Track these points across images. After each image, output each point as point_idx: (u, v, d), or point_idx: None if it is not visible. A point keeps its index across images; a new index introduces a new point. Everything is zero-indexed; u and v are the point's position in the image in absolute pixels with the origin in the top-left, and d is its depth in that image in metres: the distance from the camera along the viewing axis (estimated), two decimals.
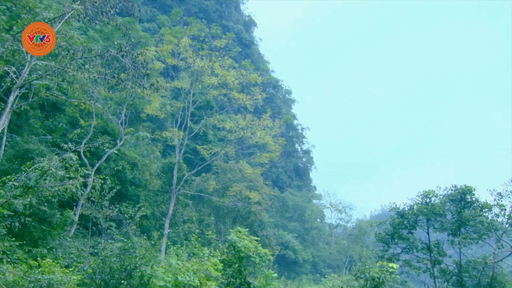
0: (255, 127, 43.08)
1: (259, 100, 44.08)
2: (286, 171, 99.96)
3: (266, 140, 43.68)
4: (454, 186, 36.32)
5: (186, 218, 41.08)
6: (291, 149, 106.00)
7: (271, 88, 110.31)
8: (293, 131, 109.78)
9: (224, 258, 22.33)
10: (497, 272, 34.07)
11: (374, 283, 23.21)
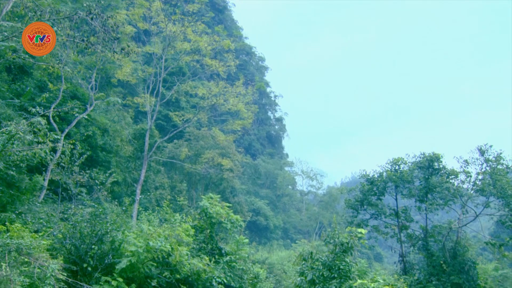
0: (228, 94, 42.88)
1: (232, 67, 43.77)
2: (259, 138, 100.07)
3: (238, 107, 43.58)
4: (422, 154, 37.07)
5: (158, 185, 41.01)
6: (264, 116, 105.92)
7: (244, 55, 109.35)
8: (266, 98, 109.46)
9: (196, 224, 22.50)
10: (461, 237, 35.22)
11: (343, 247, 23.77)
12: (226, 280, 19.72)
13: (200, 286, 17.92)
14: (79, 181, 24.62)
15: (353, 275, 23.19)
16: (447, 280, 32.87)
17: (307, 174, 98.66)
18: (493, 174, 34.27)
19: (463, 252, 34.18)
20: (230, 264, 21.04)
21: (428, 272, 34.56)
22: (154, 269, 16.75)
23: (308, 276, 24.07)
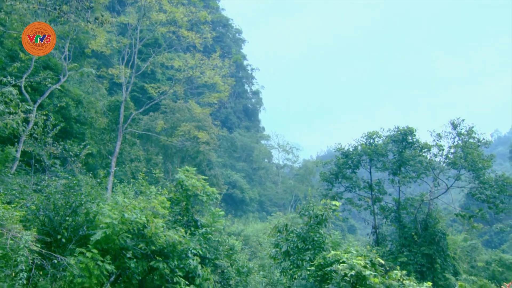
0: (204, 66, 42.52)
1: (209, 39, 43.29)
2: (235, 111, 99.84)
3: (215, 80, 43.29)
4: (396, 128, 37.56)
5: (134, 157, 40.75)
6: (241, 89, 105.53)
7: (221, 27, 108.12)
8: (242, 71, 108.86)
9: (172, 196, 22.49)
10: (432, 209, 36.06)
11: (317, 220, 24.10)
12: (201, 252, 19.85)
13: (175, 258, 18.00)
14: (52, 153, 24.31)
15: (327, 247, 23.58)
16: (418, 251, 33.71)
17: (283, 148, 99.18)
18: (465, 148, 34.98)
19: (434, 224, 35.03)
20: (205, 236, 21.16)
21: (399, 243, 35.37)
22: (129, 241, 16.74)
23: (282, 248, 24.41)
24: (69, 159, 25.59)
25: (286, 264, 24.11)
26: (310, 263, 21.65)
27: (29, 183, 21.38)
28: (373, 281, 18.01)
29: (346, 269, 17.79)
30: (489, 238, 76.23)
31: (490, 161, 35.40)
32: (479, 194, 35.27)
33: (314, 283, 20.60)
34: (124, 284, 17.47)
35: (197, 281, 18.47)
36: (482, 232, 55.00)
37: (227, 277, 22.61)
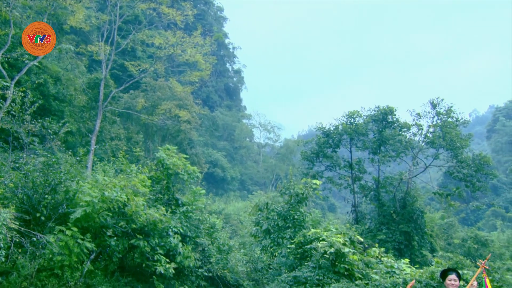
0: (185, 44, 42.10)
1: (190, 16, 42.83)
2: (217, 90, 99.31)
3: (196, 58, 42.94)
4: (377, 107, 37.83)
5: (114, 135, 40.39)
6: (222, 68, 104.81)
7: (202, 5, 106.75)
8: (224, 50, 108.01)
9: (152, 175, 22.45)
10: (411, 187, 36.61)
11: (298, 198, 24.32)
12: (182, 230, 19.93)
13: (156, 236, 18.05)
14: (31, 130, 23.93)
15: (307, 225, 23.85)
16: (396, 229, 34.28)
17: (265, 127, 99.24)
18: (443, 127, 35.45)
19: (412, 202, 35.59)
20: (186, 215, 21.22)
21: (378, 221, 35.92)
22: (109, 219, 16.72)
23: (263, 226, 24.61)
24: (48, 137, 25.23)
25: (267, 242, 24.33)
26: (290, 241, 21.88)
27: (7, 160, 21.08)
28: (352, 258, 18.30)
29: (326, 246, 18.02)
30: (466, 216, 77.84)
31: (468, 140, 35.99)
32: (457, 172, 35.90)
33: (294, 260, 20.85)
34: (105, 262, 17.49)
35: (178, 259, 18.58)
36: (459, 210, 56.20)
37: (208, 255, 22.75)
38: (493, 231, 60.63)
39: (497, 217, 74.20)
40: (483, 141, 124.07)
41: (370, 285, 16.21)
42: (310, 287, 17.04)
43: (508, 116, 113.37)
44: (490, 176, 37.11)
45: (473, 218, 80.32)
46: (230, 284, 23.23)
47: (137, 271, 18.59)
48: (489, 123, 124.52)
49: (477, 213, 77.44)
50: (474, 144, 65.40)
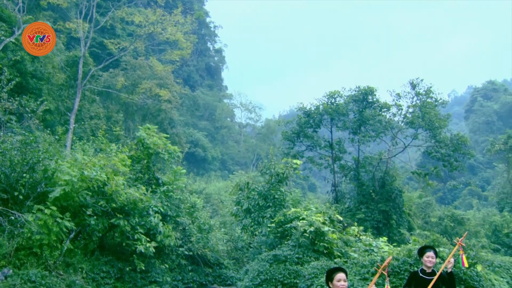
0: (165, 22, 41.59)
1: None
2: (198, 69, 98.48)
3: (177, 36, 42.49)
4: (357, 87, 37.95)
5: (93, 114, 39.92)
6: (203, 47, 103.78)
7: None
8: (205, 29, 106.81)
9: (133, 154, 22.33)
10: (390, 167, 37.05)
11: (279, 178, 24.47)
12: (163, 209, 19.94)
13: (136, 215, 18.03)
14: (8, 108, 23.51)
15: (287, 204, 24.06)
16: (375, 208, 34.75)
17: (246, 107, 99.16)
18: (423, 107, 35.80)
19: (391, 182, 36.05)
20: (167, 194, 21.22)
21: (358, 201, 36.35)
22: (89, 198, 16.64)
23: (244, 205, 24.75)
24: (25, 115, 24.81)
25: (247, 221, 24.49)
26: (271, 220, 22.07)
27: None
28: (331, 237, 18.55)
29: (306, 225, 18.22)
30: (443, 195, 79.15)
31: (446, 120, 36.45)
32: (435, 152, 36.41)
33: (274, 239, 21.06)
34: (84, 241, 17.47)
35: (158, 238, 18.63)
36: (436, 189, 57.19)
37: (189, 234, 22.85)
38: (469, 209, 61.73)
39: (473, 196, 75.58)
40: (461, 121, 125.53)
41: (348, 263, 16.46)
42: (290, 265, 17.25)
43: (486, 97, 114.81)
44: (467, 156, 37.74)
45: (450, 197, 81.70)
46: (210, 262, 23.42)
47: (117, 250, 18.62)
48: (467, 103, 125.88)
49: (454, 192, 78.75)
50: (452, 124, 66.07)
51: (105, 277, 17.19)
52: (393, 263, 15.04)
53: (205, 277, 22.65)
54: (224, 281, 23.09)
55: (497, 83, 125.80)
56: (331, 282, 4.77)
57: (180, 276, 21.52)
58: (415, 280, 6.37)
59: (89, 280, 16.42)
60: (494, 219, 40.92)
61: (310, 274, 15.37)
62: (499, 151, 48.88)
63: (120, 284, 17.59)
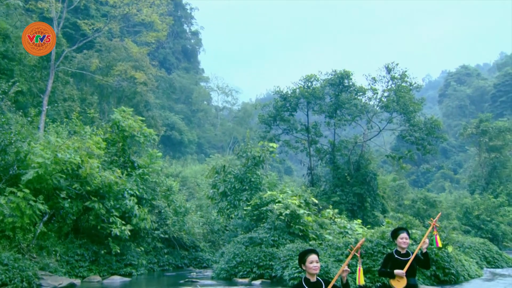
0: (141, 3, 40.99)
1: None
2: (174, 52, 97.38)
3: (152, 18, 41.94)
4: (334, 71, 38.10)
5: (67, 96, 39.22)
6: (179, 29, 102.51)
7: None
8: (181, 10, 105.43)
9: (108, 137, 22.12)
10: (365, 151, 37.47)
11: (255, 161, 24.56)
12: (138, 192, 19.86)
13: (111, 198, 17.93)
14: None
15: (264, 187, 24.23)
16: (350, 191, 35.18)
17: (223, 90, 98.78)
18: (397, 91, 36.17)
19: (366, 165, 36.49)
20: (142, 177, 21.12)
21: (333, 184, 36.72)
22: (63, 181, 16.45)
23: (220, 188, 24.83)
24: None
25: (223, 204, 24.60)
26: (247, 203, 22.19)
27: None
28: (306, 220, 18.75)
29: (282, 208, 18.38)
30: (416, 178, 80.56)
31: (420, 104, 36.93)
32: (409, 136, 36.92)
33: (250, 222, 21.21)
34: (58, 224, 17.33)
35: (134, 221, 18.58)
36: (410, 172, 58.12)
37: (164, 217, 22.83)
38: (441, 192, 63.04)
39: (445, 179, 77.10)
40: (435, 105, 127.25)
41: (323, 245, 16.68)
42: (265, 248, 17.42)
43: (459, 81, 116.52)
44: (441, 140, 38.38)
45: (423, 180, 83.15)
46: (186, 245, 23.47)
47: (91, 233, 18.53)
48: (440, 88, 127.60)
49: (427, 175, 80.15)
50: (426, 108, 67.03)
51: (80, 260, 17.12)
52: (367, 244, 15.30)
53: (181, 260, 22.72)
54: (200, 264, 23.20)
55: (470, 67, 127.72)
56: (304, 264, 4.84)
57: (156, 259, 21.55)
58: (391, 262, 6.48)
59: (63, 263, 16.33)
60: (465, 201, 41.83)
61: (286, 256, 15.55)
62: (471, 135, 49.79)
63: (95, 267, 17.54)
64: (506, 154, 47.86)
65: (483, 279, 17.63)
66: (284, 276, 14.78)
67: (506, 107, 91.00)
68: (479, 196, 42.59)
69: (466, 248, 21.68)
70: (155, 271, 20.93)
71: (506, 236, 38.74)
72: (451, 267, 15.77)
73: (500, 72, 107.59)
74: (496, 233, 37.48)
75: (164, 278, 19.25)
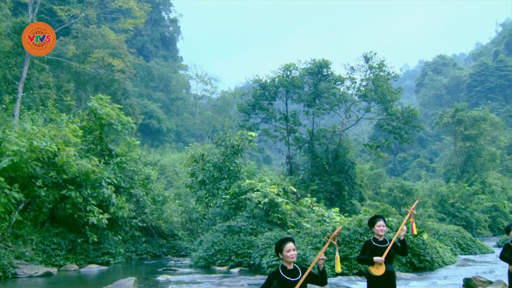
0: None
1: None
2: (152, 39, 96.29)
3: (130, 4, 41.43)
4: (313, 60, 38.21)
5: (43, 83, 38.48)
6: (158, 17, 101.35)
7: None
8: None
9: (84, 125, 21.86)
10: (343, 139, 37.75)
11: (234, 149, 24.56)
12: (116, 181, 19.72)
13: (88, 186, 17.77)
14: None
15: (242, 176, 24.25)
16: (328, 179, 35.46)
17: (202, 78, 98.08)
18: (375, 81, 36.48)
19: (344, 154, 36.79)
20: (120, 165, 20.95)
21: (311, 172, 36.96)
22: (39, 169, 16.24)
23: (198, 177, 24.79)
24: None
25: (202, 192, 24.60)
26: (225, 191, 22.21)
27: None
28: (285, 208, 18.84)
29: (260, 197, 18.44)
30: (393, 167, 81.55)
31: (397, 93, 37.33)
32: (386, 125, 37.32)
33: (228, 210, 21.23)
34: (34, 213, 17.14)
35: (112, 210, 18.47)
36: (387, 161, 58.79)
37: (142, 206, 22.74)
38: (417, 180, 63.94)
39: (422, 167, 78.20)
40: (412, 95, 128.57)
41: (301, 233, 16.81)
42: (244, 236, 17.48)
43: (436, 71, 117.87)
44: (417, 129, 38.89)
45: (400, 168, 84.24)
46: (164, 234, 23.43)
47: (68, 221, 18.38)
48: (418, 77, 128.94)
49: (404, 164, 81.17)
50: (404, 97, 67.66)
51: (56, 248, 17.00)
52: (344, 232, 15.46)
53: (159, 248, 22.69)
54: (178, 252, 23.20)
55: (447, 57, 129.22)
56: (281, 253, 4.86)
57: (134, 247, 21.50)
58: (370, 249, 6.55)
59: (39, 252, 16.19)
60: (440, 189, 42.55)
61: (264, 244, 15.62)
62: (447, 124, 50.54)
63: (71, 256, 17.43)
64: (480, 143, 48.72)
65: (457, 266, 18.02)
66: (262, 264, 14.86)
67: (481, 96, 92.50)
68: (454, 185, 43.35)
69: (441, 236, 22.07)
70: (133, 259, 20.89)
71: (480, 224, 39.57)
72: (426, 254, 16.05)
73: (475, 62, 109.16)
74: (470, 221, 38.23)
75: (142, 267, 19.21)
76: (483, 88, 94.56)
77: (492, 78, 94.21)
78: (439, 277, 14.60)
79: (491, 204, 43.55)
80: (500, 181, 52.94)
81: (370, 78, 37.23)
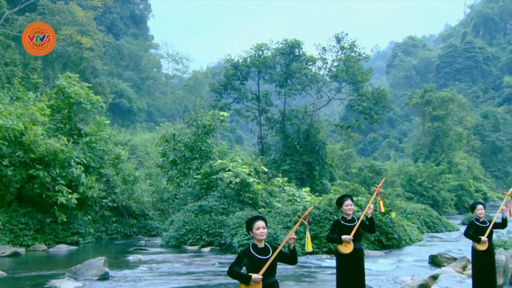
0: None
1: None
2: (122, 17, 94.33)
3: None
4: (285, 40, 38.16)
5: (8, 61, 37.49)
6: None
7: None
8: None
9: (52, 103, 21.45)
10: (314, 120, 37.97)
11: (205, 129, 24.45)
12: (85, 160, 19.46)
13: (57, 166, 17.51)
14: None
15: (214, 156, 24.20)
16: (300, 159, 35.71)
17: (173, 58, 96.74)
18: (347, 61, 36.69)
19: (315, 134, 37.03)
20: (90, 145, 20.66)
21: (283, 153, 37.15)
22: (5, 148, 15.90)
23: (170, 157, 24.64)
24: None
25: (173, 172, 24.49)
26: (197, 171, 22.16)
27: None
28: (256, 188, 18.95)
29: (232, 177, 18.48)
30: (363, 147, 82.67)
31: (368, 74, 37.67)
32: (357, 106, 37.63)
33: (200, 190, 21.24)
34: (1, 192, 16.82)
35: (81, 189, 18.26)
36: (358, 141, 59.52)
37: (113, 186, 22.54)
38: (387, 160, 65.05)
39: (391, 147, 79.51)
40: (382, 76, 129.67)
41: (272, 212, 16.95)
42: (215, 216, 17.55)
43: (406, 52, 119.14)
44: (387, 109, 39.41)
45: (370, 148, 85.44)
46: (135, 214, 23.33)
47: (36, 201, 18.12)
48: (388, 58, 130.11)
49: (374, 144, 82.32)
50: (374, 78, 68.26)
51: (24, 228, 16.79)
52: (315, 212, 15.66)
53: (130, 228, 22.59)
54: (149, 232, 23.13)
55: (417, 39, 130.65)
56: (251, 231, 4.90)
57: (104, 227, 21.36)
58: (338, 228, 6.66)
59: (6, 232, 15.98)
60: (409, 169, 43.36)
61: (235, 223, 15.73)
62: (416, 105, 51.36)
63: (40, 236, 17.25)
64: (448, 124, 49.73)
65: (423, 243, 18.50)
66: (233, 243, 14.97)
67: (449, 78, 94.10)
68: (422, 164, 44.21)
69: (408, 214, 22.59)
70: (103, 239, 20.77)
71: (446, 202, 40.56)
72: (394, 232, 16.42)
73: (444, 43, 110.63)
74: (437, 199, 39.12)
75: (112, 246, 19.14)
76: (451, 69, 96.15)
77: (460, 60, 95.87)
78: (406, 254, 15.01)
79: (457, 183, 44.66)
80: (466, 160, 54.32)
81: (341, 59, 37.40)
